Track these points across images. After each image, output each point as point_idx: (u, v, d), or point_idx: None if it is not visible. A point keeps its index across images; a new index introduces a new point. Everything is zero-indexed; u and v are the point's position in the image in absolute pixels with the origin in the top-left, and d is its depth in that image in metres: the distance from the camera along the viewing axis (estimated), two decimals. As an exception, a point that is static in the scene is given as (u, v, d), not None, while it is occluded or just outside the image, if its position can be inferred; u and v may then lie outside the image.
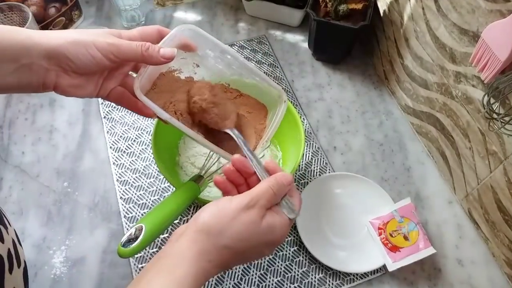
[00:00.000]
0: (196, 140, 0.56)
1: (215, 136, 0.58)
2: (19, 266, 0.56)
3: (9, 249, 0.54)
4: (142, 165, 0.85)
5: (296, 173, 0.84)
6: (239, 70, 0.61)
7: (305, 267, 0.74)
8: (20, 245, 0.61)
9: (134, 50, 0.51)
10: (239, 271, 0.73)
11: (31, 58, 0.47)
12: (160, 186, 0.82)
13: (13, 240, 0.57)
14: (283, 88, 0.97)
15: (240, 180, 0.52)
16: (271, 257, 0.75)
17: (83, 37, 0.49)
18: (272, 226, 0.47)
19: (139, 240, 0.58)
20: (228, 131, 0.57)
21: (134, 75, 0.55)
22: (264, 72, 1.00)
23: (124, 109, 0.92)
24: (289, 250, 0.76)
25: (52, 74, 0.49)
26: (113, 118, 0.91)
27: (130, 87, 0.55)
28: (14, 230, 0.61)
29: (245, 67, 0.60)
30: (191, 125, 0.58)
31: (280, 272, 0.73)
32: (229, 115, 0.58)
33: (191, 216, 0.78)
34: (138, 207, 0.80)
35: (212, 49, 0.60)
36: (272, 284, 0.72)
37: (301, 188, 0.82)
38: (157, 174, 0.84)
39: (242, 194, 0.48)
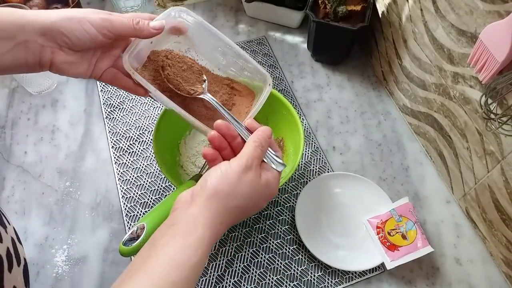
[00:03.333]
0: (178, 113, 0.57)
1: (200, 116, 0.61)
2: (18, 264, 0.57)
3: (8, 248, 0.55)
4: (143, 164, 0.85)
5: (295, 173, 0.85)
6: (233, 58, 0.63)
7: (304, 266, 0.75)
8: (20, 243, 0.61)
9: (126, 24, 0.53)
10: (239, 270, 0.74)
11: (26, 35, 0.49)
12: (161, 185, 0.83)
13: (12, 239, 0.58)
14: (282, 89, 0.98)
15: (224, 145, 0.54)
16: (270, 255, 0.75)
17: (77, 13, 0.51)
18: (268, 182, 0.51)
19: (140, 238, 0.58)
20: (203, 96, 0.59)
21: None
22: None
23: (125, 108, 0.93)
24: (289, 248, 0.76)
25: (48, 50, 0.51)
26: (115, 118, 0.92)
27: (122, 68, 0.57)
28: (14, 228, 0.62)
29: (238, 55, 0.62)
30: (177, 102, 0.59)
31: (280, 270, 0.74)
32: (194, 82, 0.61)
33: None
34: (140, 206, 0.80)
35: (207, 35, 0.61)
36: (272, 282, 0.73)
37: (301, 187, 0.83)
38: (158, 173, 0.84)
39: (237, 157, 0.51)
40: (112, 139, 0.89)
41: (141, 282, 0.42)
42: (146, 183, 0.83)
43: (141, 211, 0.80)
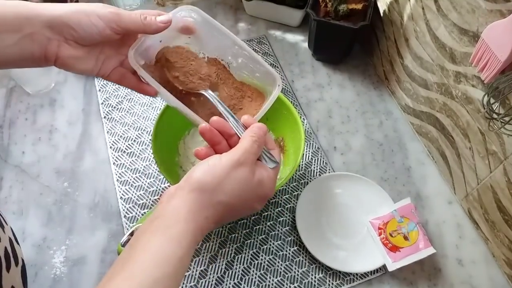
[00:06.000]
0: (180, 110, 0.56)
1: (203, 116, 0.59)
2: (16, 264, 0.57)
3: (5, 247, 0.54)
4: (142, 165, 0.85)
5: (296, 173, 0.84)
6: (244, 60, 0.62)
7: (305, 267, 0.74)
8: (18, 243, 0.61)
9: (134, 19, 0.52)
10: (239, 271, 0.73)
11: (33, 27, 0.48)
12: (160, 186, 0.82)
13: (10, 239, 0.57)
14: (283, 88, 0.97)
15: (217, 138, 0.52)
16: (271, 257, 0.75)
17: (85, 7, 0.51)
18: (261, 181, 0.49)
19: (139, 240, 0.58)
20: (203, 91, 0.58)
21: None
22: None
23: (123, 109, 0.92)
24: (289, 250, 0.76)
25: (54, 43, 0.50)
26: (113, 118, 0.91)
27: (130, 68, 0.56)
28: (11, 228, 0.61)
29: (250, 57, 0.61)
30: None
31: (280, 272, 0.74)
32: (203, 76, 0.60)
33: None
34: (138, 207, 0.80)
35: (217, 36, 0.60)
36: (272, 284, 0.72)
37: (301, 188, 0.82)
38: (157, 174, 0.84)
39: (230, 151, 0.49)
40: (111, 140, 0.88)
41: (122, 282, 0.40)
42: (145, 184, 0.82)
43: (139, 212, 0.79)
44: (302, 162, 0.86)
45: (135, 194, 0.81)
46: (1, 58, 0.49)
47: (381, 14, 0.94)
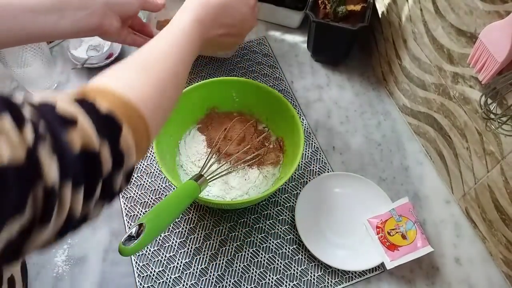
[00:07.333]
0: None
1: None
2: None
3: None
4: (143, 164, 0.85)
5: (295, 173, 0.85)
6: None
7: (304, 265, 0.75)
8: None
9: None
10: (239, 269, 0.74)
11: (95, 4, 0.62)
12: (161, 185, 0.83)
13: None
14: (282, 89, 0.98)
15: None
16: (270, 255, 0.75)
17: None
18: None
19: (140, 238, 0.58)
20: None
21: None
22: (264, 73, 1.01)
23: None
24: (289, 248, 0.76)
25: (108, 17, 0.64)
26: (114, 118, 0.92)
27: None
28: None
29: None
30: None
31: (280, 270, 0.74)
32: None
33: (192, 215, 0.79)
34: (140, 206, 0.80)
35: None
36: (272, 282, 0.73)
37: (301, 187, 0.83)
38: (158, 173, 0.84)
39: None
40: (112, 139, 0.89)
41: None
42: (146, 183, 0.83)
43: (141, 211, 0.80)
44: (302, 161, 0.87)
45: (137, 193, 0.82)
46: (69, 31, 0.61)
47: (380, 16, 0.95)
